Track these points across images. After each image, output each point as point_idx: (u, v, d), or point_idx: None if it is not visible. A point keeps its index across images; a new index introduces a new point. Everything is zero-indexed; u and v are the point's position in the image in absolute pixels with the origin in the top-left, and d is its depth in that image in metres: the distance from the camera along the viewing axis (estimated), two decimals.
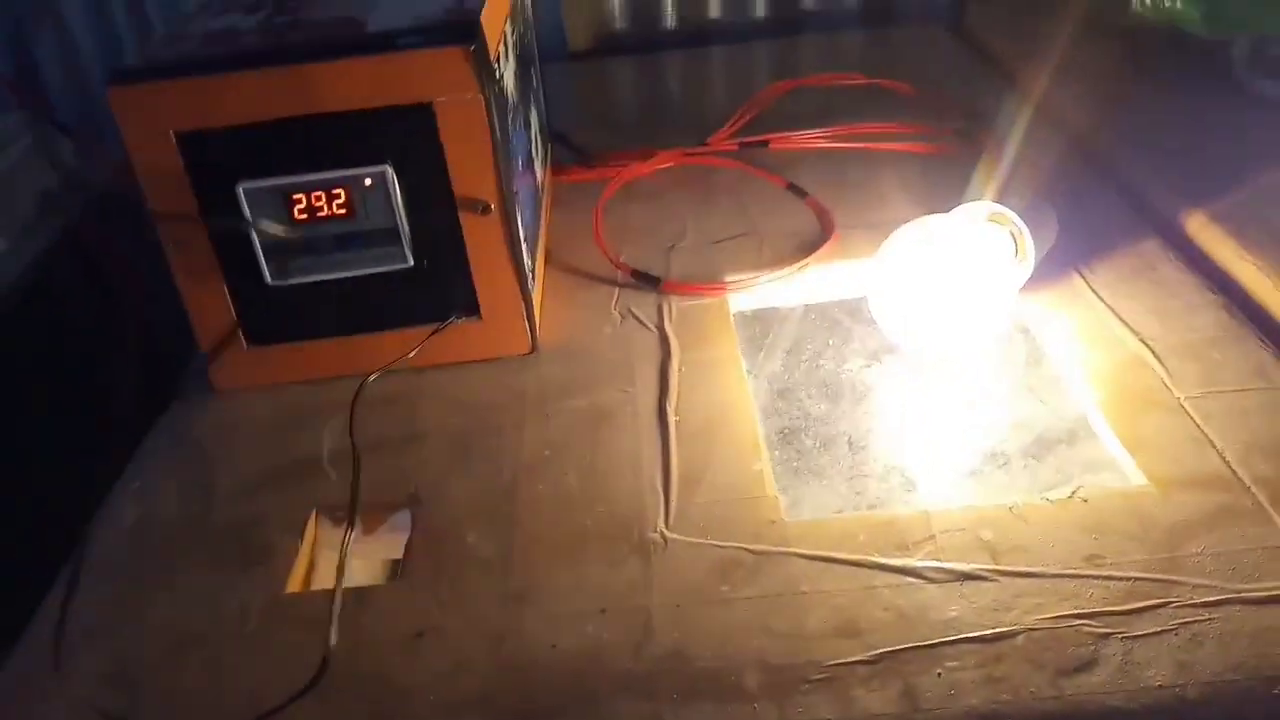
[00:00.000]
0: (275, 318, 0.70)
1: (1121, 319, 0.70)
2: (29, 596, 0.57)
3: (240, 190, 0.64)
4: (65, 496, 0.66)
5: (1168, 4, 0.93)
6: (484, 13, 0.64)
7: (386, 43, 0.62)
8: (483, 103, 0.63)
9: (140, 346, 1.02)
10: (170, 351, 0.77)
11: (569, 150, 1.01)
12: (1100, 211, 0.83)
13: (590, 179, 0.96)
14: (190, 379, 0.73)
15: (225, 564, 0.58)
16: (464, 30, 0.62)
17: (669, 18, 1.34)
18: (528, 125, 0.81)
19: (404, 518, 0.60)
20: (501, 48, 0.70)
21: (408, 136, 0.64)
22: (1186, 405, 0.62)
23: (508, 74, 0.71)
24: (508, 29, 0.74)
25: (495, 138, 0.64)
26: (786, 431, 0.63)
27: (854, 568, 0.53)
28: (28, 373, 0.90)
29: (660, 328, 0.74)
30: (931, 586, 0.52)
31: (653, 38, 1.33)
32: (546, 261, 0.84)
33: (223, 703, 0.50)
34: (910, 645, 0.49)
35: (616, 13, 1.32)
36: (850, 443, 0.62)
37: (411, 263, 0.67)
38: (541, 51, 1.30)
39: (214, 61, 0.64)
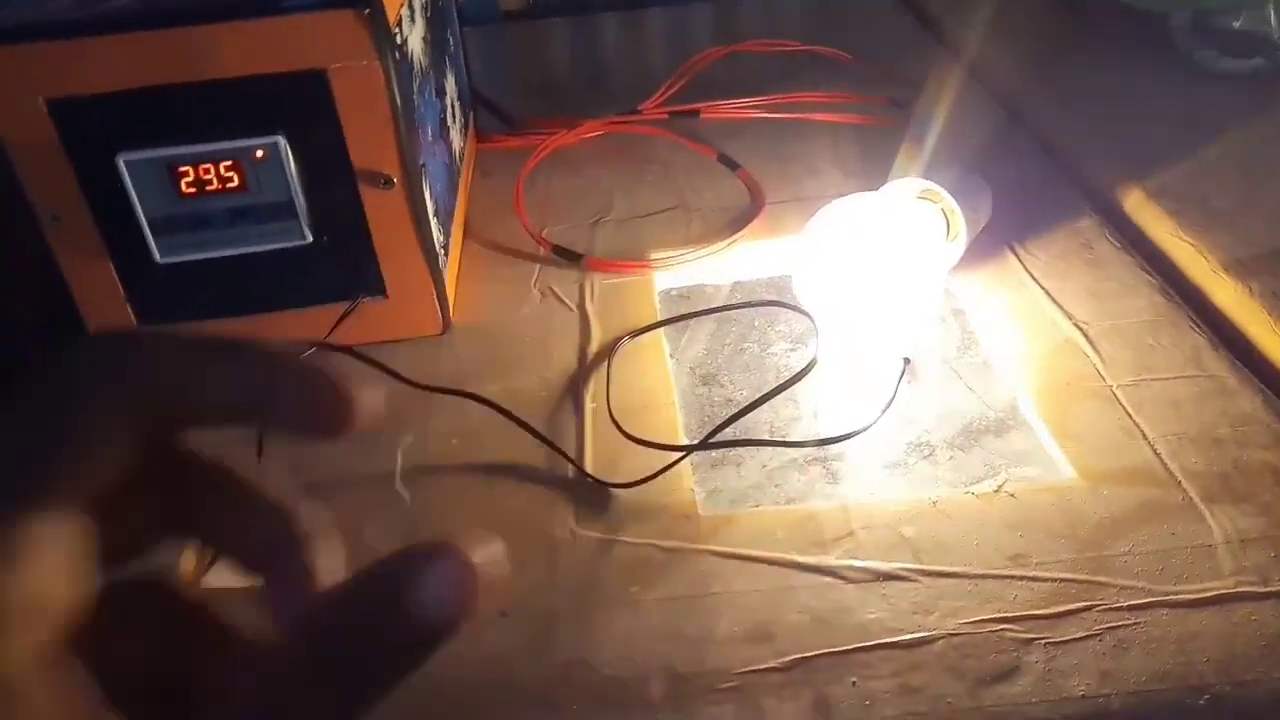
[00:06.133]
0: (166, 296, 0.65)
1: (1055, 301, 0.67)
2: None
3: (121, 162, 0.59)
4: None
5: None
6: None
7: (274, 5, 0.58)
8: (380, 70, 0.58)
9: (39, 332, 0.96)
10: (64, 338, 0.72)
11: (494, 115, 0.96)
12: (1038, 187, 0.81)
13: (516, 146, 0.92)
14: None
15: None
16: None
17: None
18: (441, 92, 0.76)
19: None
20: (405, 10, 0.65)
21: (301, 105, 0.59)
22: (1118, 393, 0.60)
23: (414, 38, 0.67)
24: None
25: (396, 107, 0.60)
26: (707, 420, 0.60)
27: (769, 566, 0.51)
28: None
29: (581, 307, 0.71)
30: (849, 587, 0.49)
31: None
32: (465, 235, 0.80)
33: None
34: (825, 651, 0.46)
35: None
36: (771, 432, 0.59)
37: (310, 239, 0.63)
38: (471, 13, 1.25)
39: (88, 23, 0.58)
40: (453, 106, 0.81)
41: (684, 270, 0.75)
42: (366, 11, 0.57)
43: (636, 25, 1.23)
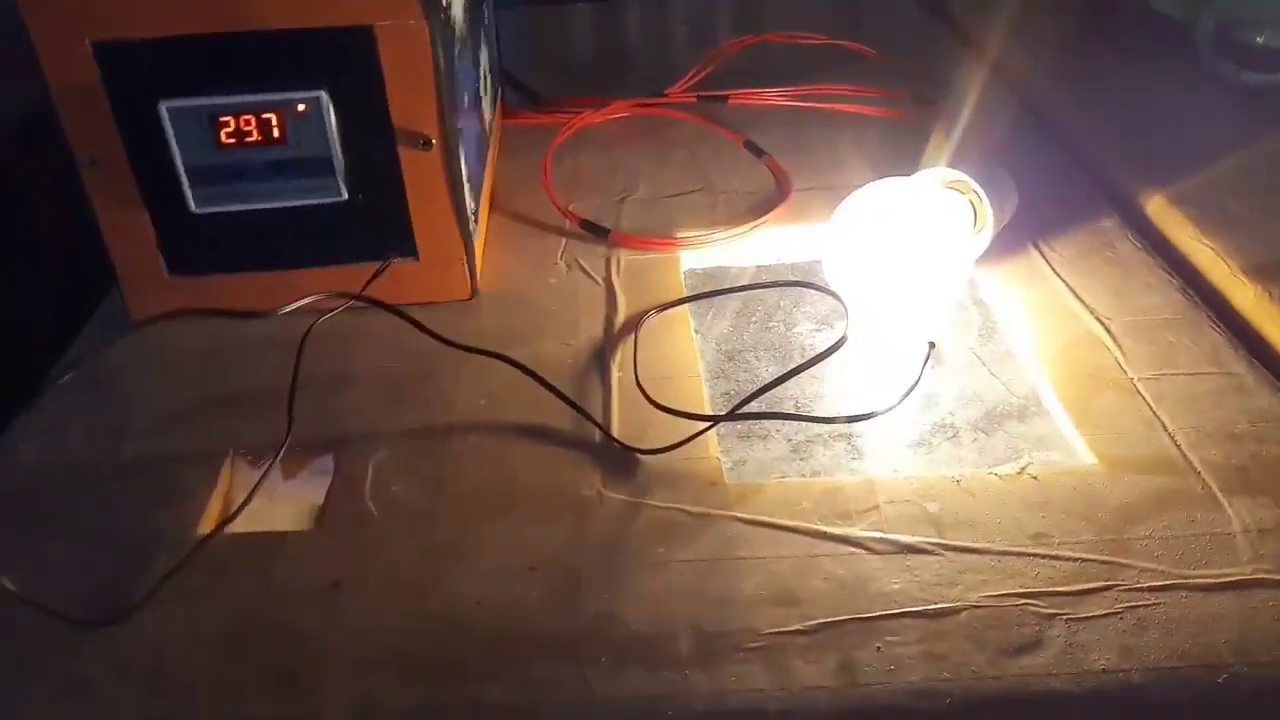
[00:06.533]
0: (198, 246, 0.66)
1: (1078, 296, 0.68)
2: None
3: (163, 109, 0.59)
4: None
5: None
6: None
7: None
8: (426, 29, 0.59)
9: (60, 282, 0.96)
10: (93, 290, 0.72)
11: (520, 93, 0.97)
12: (1060, 187, 0.82)
13: (541, 124, 0.93)
14: (105, 311, 0.69)
15: (133, 504, 0.55)
16: None
17: None
18: (476, 63, 0.77)
19: (327, 462, 0.57)
20: None
21: (346, 61, 0.60)
22: (1139, 386, 0.60)
23: (456, 4, 0.68)
24: None
25: (439, 68, 0.60)
26: (732, 394, 0.61)
27: (795, 534, 0.51)
28: None
29: (607, 281, 0.72)
30: (874, 558, 0.50)
31: None
32: (491, 207, 0.80)
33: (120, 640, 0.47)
34: (850, 617, 0.47)
35: None
36: (797, 408, 0.60)
37: (345, 196, 0.63)
38: None
39: None
40: (485, 78, 0.82)
41: (709, 251, 0.75)
42: None
43: (660, 13, 1.24)
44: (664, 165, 0.86)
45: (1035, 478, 0.54)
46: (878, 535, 0.51)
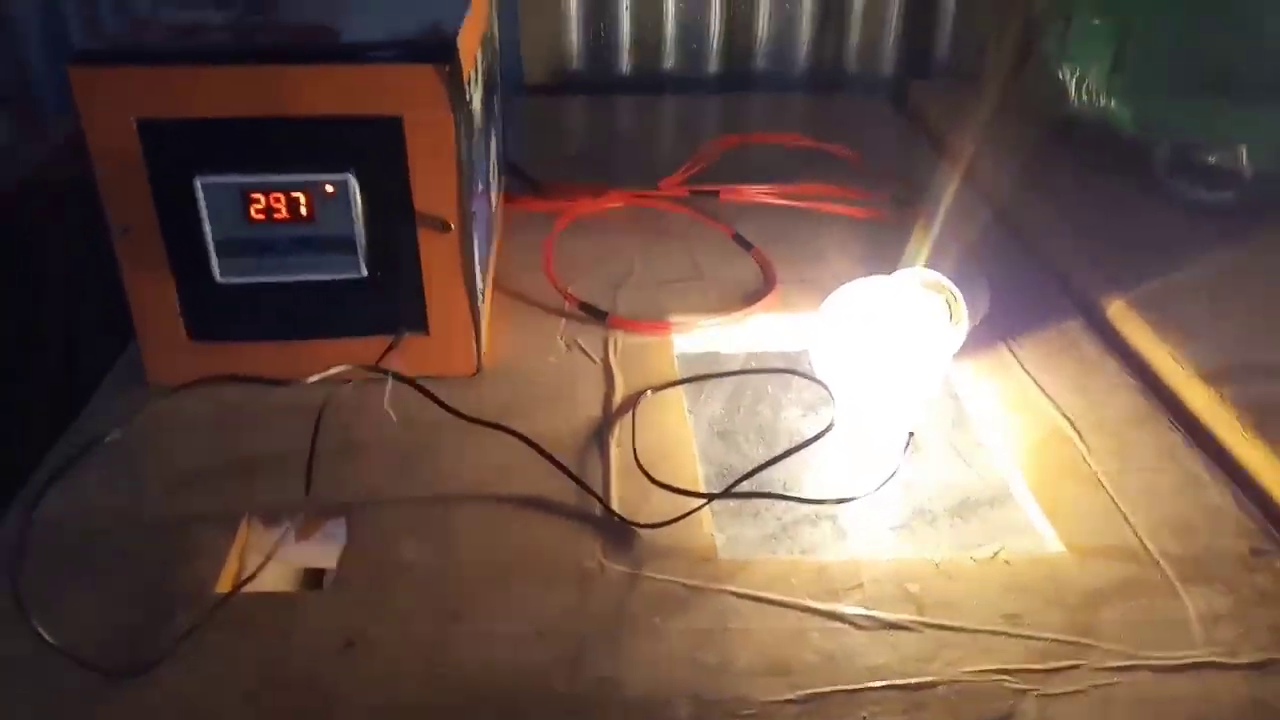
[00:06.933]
0: (220, 315, 0.69)
1: (1045, 393, 0.73)
2: None
3: (198, 184, 0.63)
4: None
5: (1102, 103, 0.98)
6: (460, 35, 0.65)
7: (361, 54, 0.63)
8: (453, 122, 0.63)
9: (62, 337, 0.99)
10: (92, 349, 0.75)
11: (521, 180, 1.02)
12: (1028, 289, 0.87)
13: (540, 210, 0.97)
14: (118, 374, 0.72)
15: (153, 562, 0.57)
16: (440, 49, 0.63)
17: (624, 64, 1.36)
18: (488, 152, 0.81)
19: (339, 527, 0.60)
20: (473, 71, 0.71)
21: (374, 148, 0.64)
22: (1103, 479, 0.65)
23: (476, 97, 0.72)
24: (479, 54, 0.75)
25: (461, 158, 0.65)
26: (724, 473, 0.65)
27: (784, 609, 0.55)
28: None
29: (605, 361, 0.75)
30: (859, 633, 0.53)
31: (607, 81, 1.36)
32: (495, 287, 0.84)
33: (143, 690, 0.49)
34: (837, 688, 0.50)
35: (574, 53, 1.34)
36: (785, 488, 0.64)
37: (364, 273, 0.67)
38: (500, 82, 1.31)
39: (184, 53, 0.63)
40: (494, 166, 0.86)
41: (701, 336, 0.79)
42: (447, 68, 0.62)
43: (651, 110, 1.30)
44: (658, 254, 0.91)
45: (1008, 562, 0.58)
46: (862, 612, 0.54)
